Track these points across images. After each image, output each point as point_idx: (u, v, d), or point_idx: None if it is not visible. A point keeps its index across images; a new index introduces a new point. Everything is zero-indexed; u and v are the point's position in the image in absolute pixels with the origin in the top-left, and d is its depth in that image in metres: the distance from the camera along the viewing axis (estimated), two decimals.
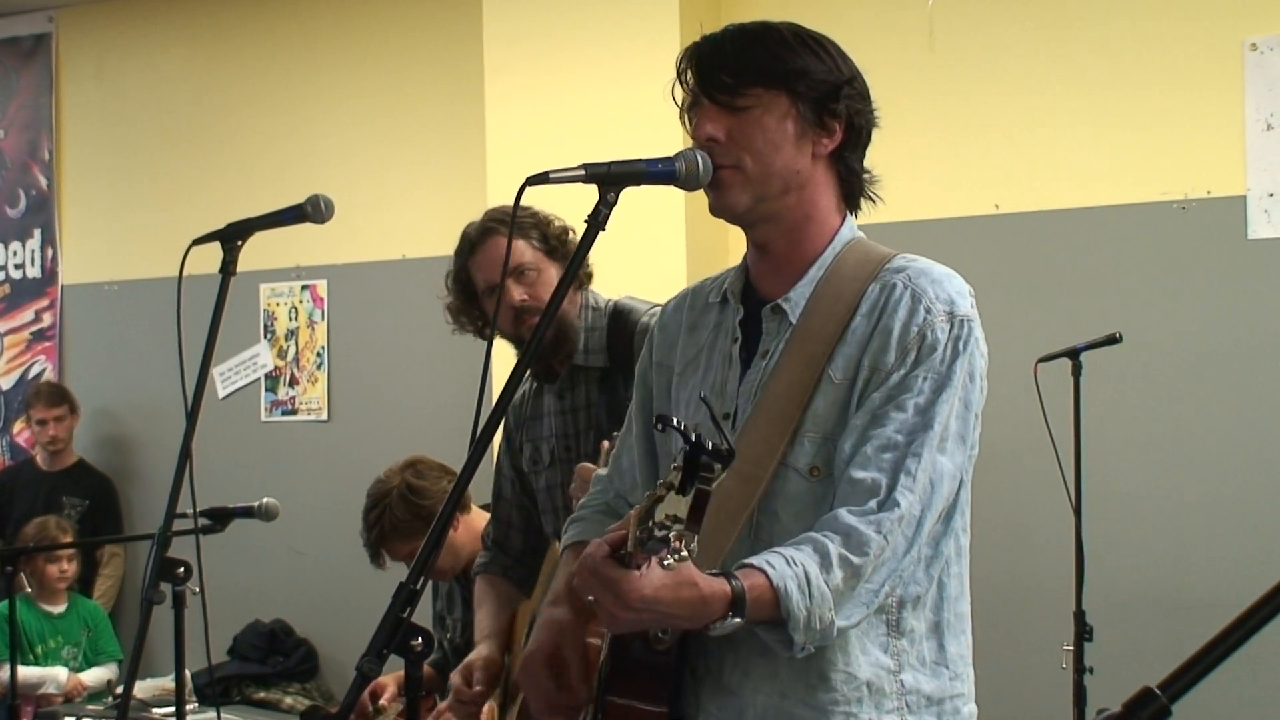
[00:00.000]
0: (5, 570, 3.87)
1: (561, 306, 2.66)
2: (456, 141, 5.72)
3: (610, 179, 1.78)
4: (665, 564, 1.52)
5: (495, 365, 1.97)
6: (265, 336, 6.25)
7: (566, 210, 2.93)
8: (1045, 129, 4.72)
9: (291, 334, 6.20)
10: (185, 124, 6.47)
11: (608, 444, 2.53)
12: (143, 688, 4.58)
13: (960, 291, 1.86)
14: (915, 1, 4.86)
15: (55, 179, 6.80)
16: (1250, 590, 1.16)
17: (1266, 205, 4.43)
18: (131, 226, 6.57)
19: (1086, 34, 4.70)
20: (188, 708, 3.87)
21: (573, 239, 2.95)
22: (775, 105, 1.84)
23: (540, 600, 2.54)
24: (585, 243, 1.81)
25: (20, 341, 6.91)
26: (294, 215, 2.38)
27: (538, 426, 3.03)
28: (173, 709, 3.73)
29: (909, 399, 1.79)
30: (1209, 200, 4.50)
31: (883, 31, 4.89)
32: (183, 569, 2.53)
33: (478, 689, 2.83)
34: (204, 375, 2.39)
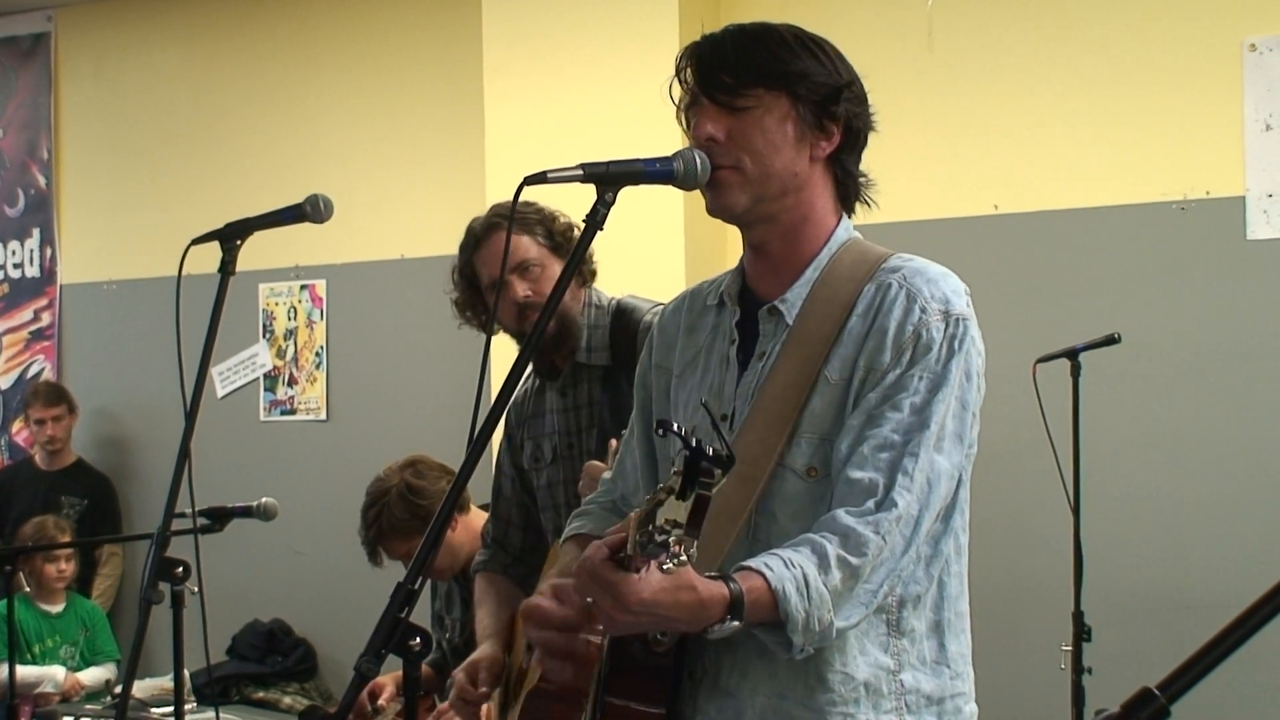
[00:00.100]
0: (4, 570, 3.86)
1: (564, 302, 2.68)
2: (456, 141, 5.72)
3: (608, 178, 1.78)
4: (664, 568, 1.51)
5: (495, 363, 1.97)
6: (264, 336, 6.25)
7: (566, 210, 2.93)
8: (1044, 129, 4.72)
9: (290, 334, 6.20)
10: (184, 123, 6.47)
11: (615, 443, 2.53)
12: (141, 687, 4.59)
13: (955, 290, 1.86)
14: (915, 1, 4.86)
15: (54, 178, 6.79)
16: (1249, 590, 1.16)
17: (1265, 206, 4.43)
18: (130, 226, 6.56)
19: (1086, 34, 4.70)
20: (186, 707, 3.88)
21: (578, 236, 2.94)
22: (776, 106, 1.85)
23: None
24: (584, 242, 1.81)
25: (19, 341, 6.91)
26: (293, 215, 2.38)
27: (539, 424, 3.03)
28: (171, 709, 3.73)
29: (905, 398, 1.79)
30: (1208, 201, 4.50)
31: (882, 32, 4.89)
32: (181, 569, 2.54)
33: (482, 690, 2.83)
34: (203, 375, 2.39)
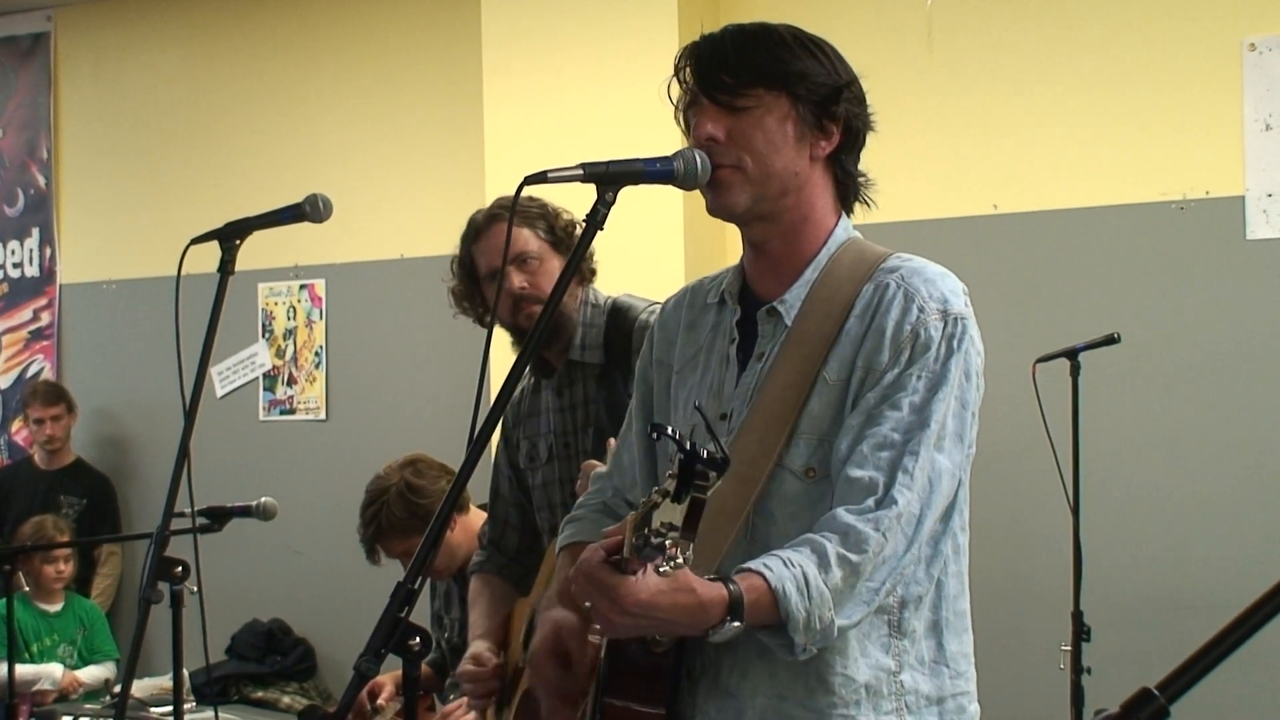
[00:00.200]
0: (2, 569, 3.86)
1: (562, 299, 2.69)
2: (455, 141, 5.71)
3: (608, 178, 1.78)
4: (660, 570, 1.51)
5: (495, 362, 1.97)
6: (263, 336, 6.25)
7: (567, 209, 2.94)
8: (1044, 129, 4.72)
9: (289, 333, 6.20)
10: (183, 123, 6.47)
11: (614, 441, 2.53)
12: (140, 687, 4.58)
13: (954, 290, 1.86)
14: (915, 1, 4.86)
15: (53, 178, 6.79)
16: (1249, 590, 1.16)
17: (1265, 205, 4.43)
18: (129, 226, 6.56)
19: (1085, 34, 4.69)
20: (185, 707, 3.88)
21: (579, 233, 2.95)
22: (776, 106, 1.85)
23: (539, 599, 2.54)
24: (583, 242, 1.82)
25: (18, 340, 6.90)
26: (292, 214, 2.38)
27: (535, 423, 3.03)
28: (170, 708, 3.72)
29: (904, 398, 1.79)
30: (1208, 200, 4.50)
31: (882, 32, 4.89)
32: (181, 568, 2.54)
33: (495, 662, 2.87)
34: (202, 374, 2.39)
